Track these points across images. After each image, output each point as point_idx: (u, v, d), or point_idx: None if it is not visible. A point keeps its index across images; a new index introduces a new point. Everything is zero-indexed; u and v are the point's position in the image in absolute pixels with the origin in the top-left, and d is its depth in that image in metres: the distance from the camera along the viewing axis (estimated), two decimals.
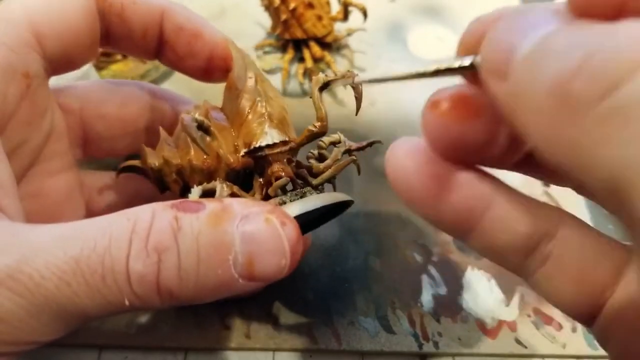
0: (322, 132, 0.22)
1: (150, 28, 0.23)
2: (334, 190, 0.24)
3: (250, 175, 0.23)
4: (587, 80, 0.09)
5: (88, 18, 0.21)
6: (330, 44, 0.42)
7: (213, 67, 0.24)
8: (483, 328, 0.28)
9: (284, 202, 0.21)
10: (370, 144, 0.24)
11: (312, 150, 0.24)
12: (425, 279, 0.30)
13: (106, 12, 0.22)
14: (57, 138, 0.23)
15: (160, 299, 0.16)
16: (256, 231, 0.16)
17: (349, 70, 0.21)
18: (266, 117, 0.22)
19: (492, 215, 0.15)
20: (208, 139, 0.22)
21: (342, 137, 0.24)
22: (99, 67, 0.39)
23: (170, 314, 0.28)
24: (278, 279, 0.17)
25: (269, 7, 0.41)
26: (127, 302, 0.15)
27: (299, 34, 0.40)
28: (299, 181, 0.23)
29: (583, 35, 0.10)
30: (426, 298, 0.29)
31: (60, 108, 0.23)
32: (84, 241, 0.15)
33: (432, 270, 0.30)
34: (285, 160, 0.22)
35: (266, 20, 0.43)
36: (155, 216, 0.16)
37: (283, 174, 0.22)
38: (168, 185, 0.24)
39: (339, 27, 0.43)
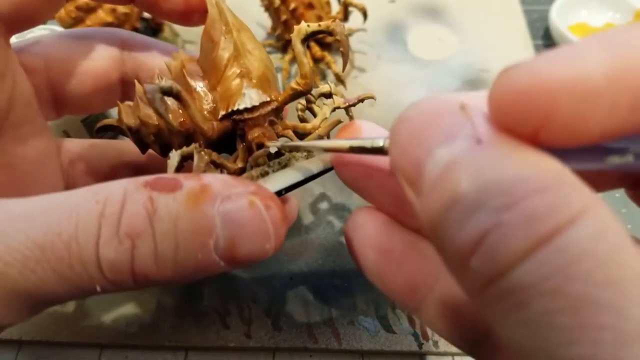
0: (307, 90, 0.20)
1: None
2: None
3: (233, 135, 0.21)
4: (482, 261, 0.10)
5: None
6: (330, 45, 0.42)
7: (191, 9, 0.22)
8: None
9: (267, 173, 0.19)
10: (361, 100, 0.22)
11: (301, 102, 0.22)
12: None
13: None
14: (24, 103, 0.21)
15: (136, 284, 0.15)
16: (239, 214, 0.15)
17: (333, 21, 0.19)
18: (244, 76, 0.20)
19: (437, 295, 0.15)
20: (174, 106, 0.20)
21: (333, 88, 0.22)
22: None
23: (170, 313, 0.28)
24: (261, 261, 0.16)
25: (269, 7, 0.41)
26: (98, 289, 0.14)
27: None
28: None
29: (486, 187, 0.10)
30: None
31: (24, 68, 0.21)
32: (48, 225, 0.14)
33: None
34: (266, 123, 0.20)
35: (266, 21, 0.43)
36: (127, 197, 0.15)
37: (265, 139, 0.20)
38: (148, 145, 0.22)
39: None
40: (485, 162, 0.10)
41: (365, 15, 0.40)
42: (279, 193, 0.20)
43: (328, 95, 0.22)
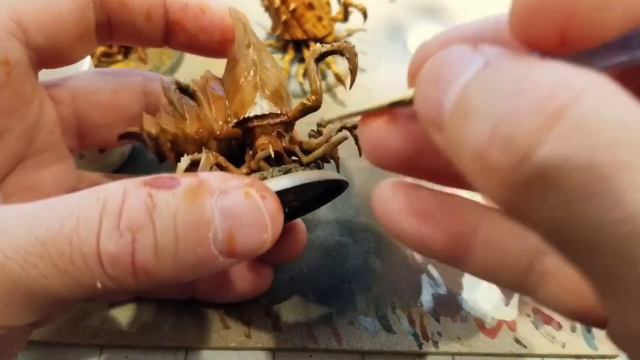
0: (316, 106, 0.21)
1: (153, 9, 0.22)
2: (337, 170, 0.23)
3: (244, 147, 0.22)
4: (500, 150, 0.10)
5: (77, 6, 0.21)
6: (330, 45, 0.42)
7: (227, 40, 0.23)
8: (482, 327, 0.28)
9: (265, 178, 0.20)
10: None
11: (313, 129, 0.23)
12: (425, 278, 0.30)
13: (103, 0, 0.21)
14: (48, 130, 0.22)
15: (136, 280, 0.15)
16: (236, 205, 0.15)
17: (345, 41, 0.21)
18: (259, 87, 0.21)
19: (480, 240, 0.15)
20: (193, 104, 0.21)
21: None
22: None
23: (171, 313, 0.28)
24: (259, 254, 0.17)
25: (269, 7, 0.41)
26: (99, 285, 0.15)
27: (299, 35, 0.41)
28: (294, 157, 0.22)
29: (493, 92, 0.10)
30: (426, 298, 0.29)
31: (52, 99, 0.23)
32: (50, 221, 0.15)
33: (432, 270, 0.30)
34: (274, 133, 0.21)
35: (267, 21, 0.43)
36: (127, 194, 0.15)
37: (271, 147, 0.21)
38: (165, 153, 0.23)
39: (339, 28, 0.43)
40: (492, 74, 0.11)
41: (365, 15, 0.40)
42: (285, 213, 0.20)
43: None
